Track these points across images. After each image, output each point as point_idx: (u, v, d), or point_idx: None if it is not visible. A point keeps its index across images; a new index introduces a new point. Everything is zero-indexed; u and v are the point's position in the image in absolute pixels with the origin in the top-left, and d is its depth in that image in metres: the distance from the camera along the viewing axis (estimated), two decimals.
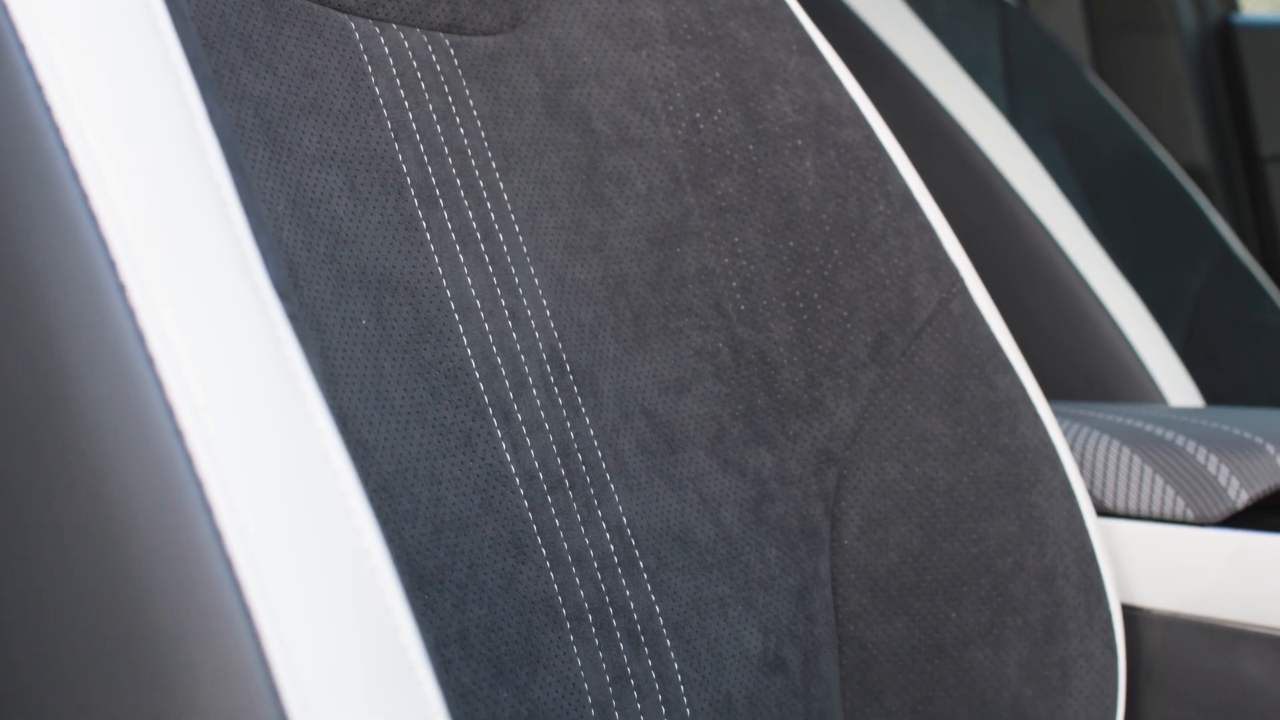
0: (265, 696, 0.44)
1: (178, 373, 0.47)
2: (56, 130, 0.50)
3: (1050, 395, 1.03)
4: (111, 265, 0.48)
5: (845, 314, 0.89)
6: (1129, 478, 1.03)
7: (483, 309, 0.75)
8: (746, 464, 0.84)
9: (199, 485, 0.46)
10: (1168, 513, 1.01)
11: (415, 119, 0.77)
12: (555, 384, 0.76)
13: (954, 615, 0.90)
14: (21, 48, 0.50)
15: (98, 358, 0.47)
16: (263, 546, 0.46)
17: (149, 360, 0.46)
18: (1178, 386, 1.68)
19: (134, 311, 0.47)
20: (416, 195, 0.75)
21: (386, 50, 0.77)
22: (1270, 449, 1.01)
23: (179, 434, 0.46)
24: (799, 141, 0.89)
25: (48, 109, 0.50)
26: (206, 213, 0.50)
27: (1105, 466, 1.04)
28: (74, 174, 0.49)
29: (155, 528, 0.45)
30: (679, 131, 0.87)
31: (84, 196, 0.49)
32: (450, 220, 0.76)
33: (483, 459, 0.71)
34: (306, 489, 0.48)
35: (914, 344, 0.90)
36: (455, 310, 0.74)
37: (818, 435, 0.88)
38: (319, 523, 0.48)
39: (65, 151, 0.49)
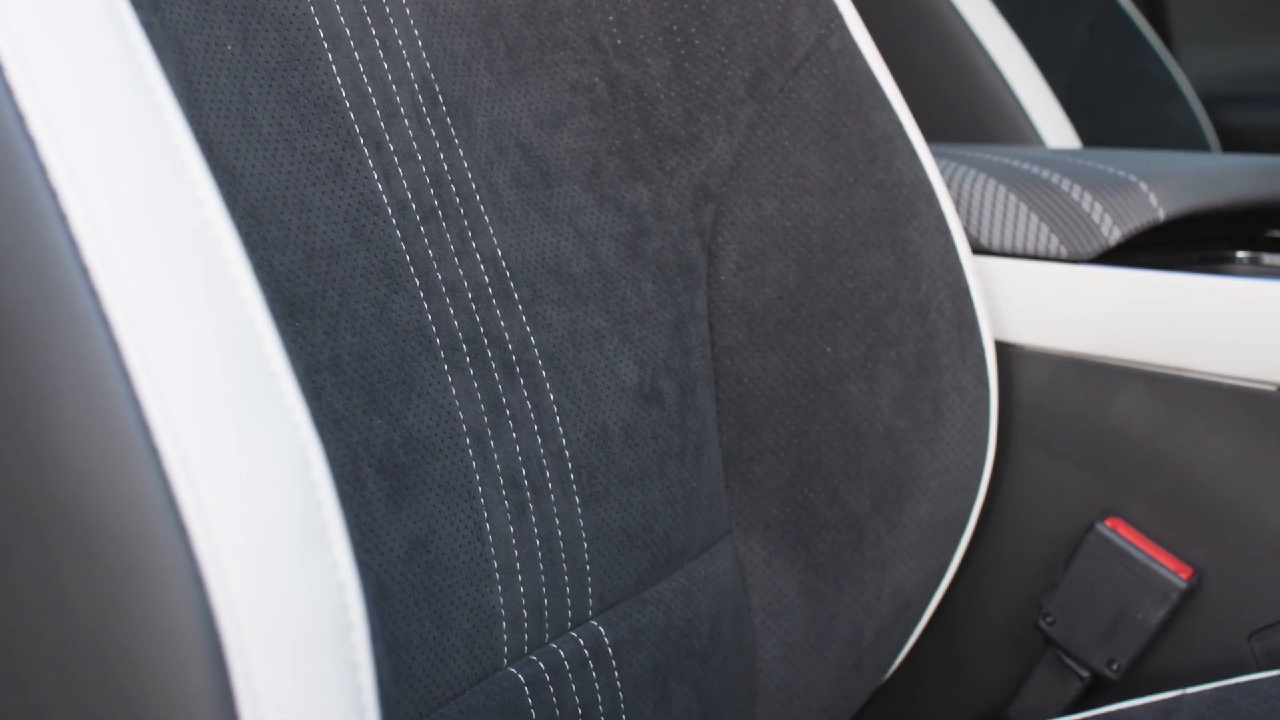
0: (125, 404, 0.44)
1: (27, 77, 0.45)
2: None
3: (930, 139, 1.04)
4: None
5: (723, 49, 0.88)
6: (1004, 215, 1.03)
7: (352, 37, 0.73)
8: (623, 199, 0.84)
9: (53, 195, 0.45)
10: (1042, 250, 1.02)
11: None
12: (428, 114, 0.75)
13: (829, 349, 0.91)
14: None
15: None
16: (121, 260, 0.45)
17: None
18: (1058, 132, 1.69)
19: None
20: None
21: None
22: (1144, 187, 1.01)
23: (30, 141, 0.45)
24: None
25: None
26: None
27: (981, 204, 1.05)
28: None
29: (9, 235, 0.44)
30: None
31: None
32: None
33: (353, 188, 0.70)
34: (167, 204, 0.47)
35: (791, 80, 0.90)
36: (324, 38, 0.72)
37: (695, 171, 0.88)
38: (182, 242, 0.47)
39: None
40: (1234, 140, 2.25)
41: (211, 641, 0.44)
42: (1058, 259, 1.01)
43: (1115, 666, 0.99)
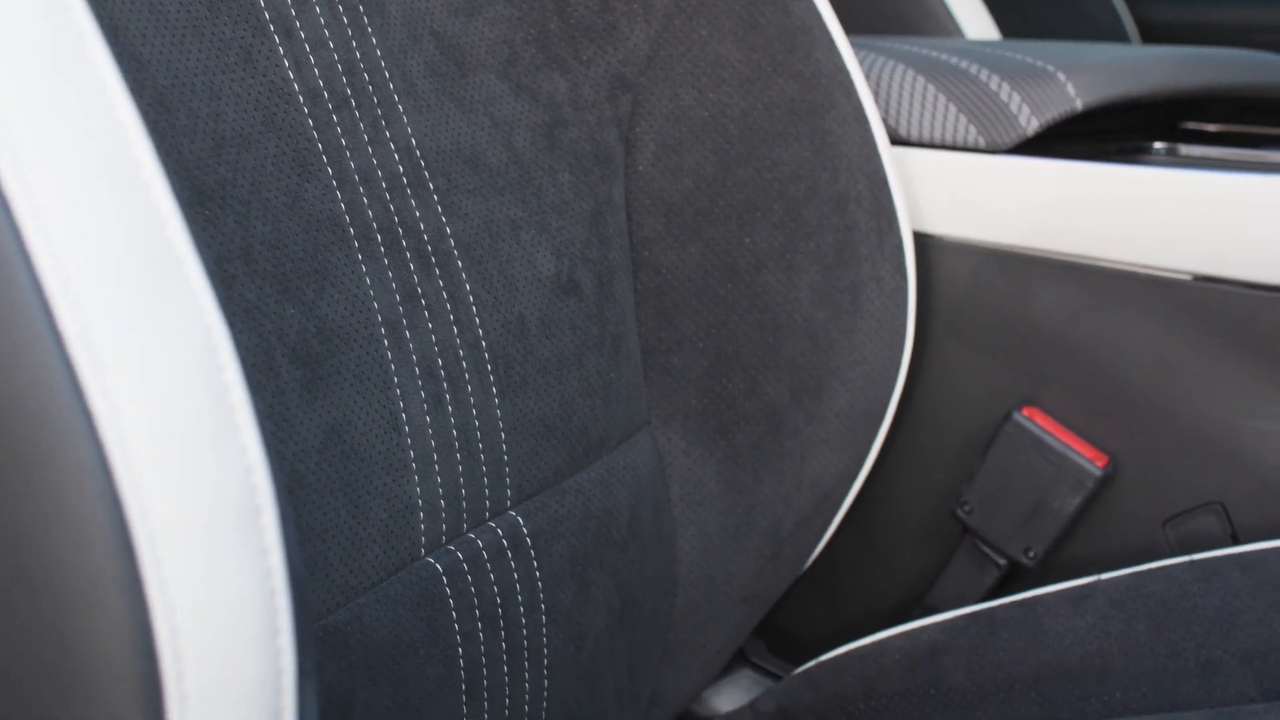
0: (27, 289, 0.43)
1: None
2: None
3: (850, 31, 1.03)
4: None
5: None
6: (923, 106, 1.03)
7: None
8: (539, 88, 0.83)
9: None
10: (960, 140, 1.02)
11: None
12: (340, 2, 0.74)
13: (747, 240, 0.91)
14: None
15: None
16: (21, 141, 0.44)
17: None
18: (978, 25, 1.69)
19: None
20: None
21: None
22: (1061, 77, 1.01)
23: None
24: None
25: None
26: None
27: (900, 94, 1.05)
28: None
29: None
30: None
31: None
32: None
33: (264, 75, 0.69)
34: (67, 86, 0.46)
35: None
36: None
37: (611, 60, 0.87)
38: (83, 124, 0.46)
39: None
40: (1155, 35, 2.26)
41: (119, 526, 0.43)
42: (976, 149, 1.02)
43: (1032, 554, 1.00)
